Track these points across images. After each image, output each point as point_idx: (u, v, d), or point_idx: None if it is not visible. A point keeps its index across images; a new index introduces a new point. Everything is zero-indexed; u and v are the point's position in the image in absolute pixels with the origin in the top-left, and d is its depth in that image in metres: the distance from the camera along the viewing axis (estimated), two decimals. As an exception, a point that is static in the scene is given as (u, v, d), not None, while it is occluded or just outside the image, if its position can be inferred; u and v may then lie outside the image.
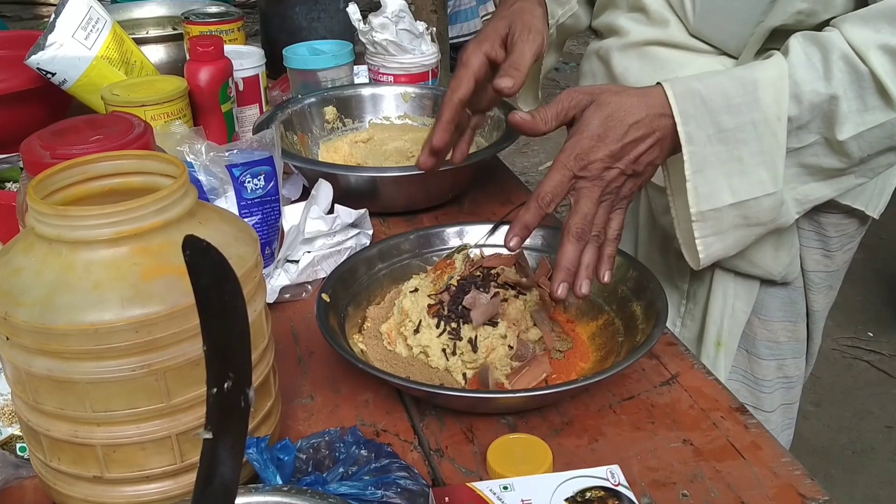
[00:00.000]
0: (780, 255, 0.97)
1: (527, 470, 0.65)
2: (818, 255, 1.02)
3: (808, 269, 1.02)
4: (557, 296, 0.78)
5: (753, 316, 1.03)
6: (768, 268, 0.98)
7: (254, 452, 0.59)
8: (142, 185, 0.63)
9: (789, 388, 1.09)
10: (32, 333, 0.54)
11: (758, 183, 0.80)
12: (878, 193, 0.99)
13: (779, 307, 1.03)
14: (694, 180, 0.80)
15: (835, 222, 1.00)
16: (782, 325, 1.05)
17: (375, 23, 1.30)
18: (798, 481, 0.68)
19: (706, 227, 0.83)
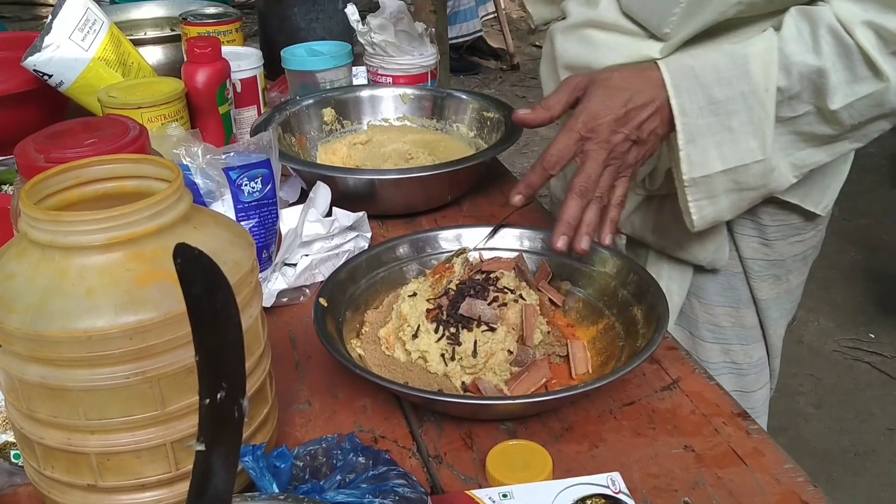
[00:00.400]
0: (706, 243, 1.01)
1: (526, 477, 0.64)
2: (755, 243, 1.04)
3: (746, 256, 1.05)
4: (556, 247, 0.83)
5: (694, 298, 1.08)
6: (695, 254, 1.02)
7: (249, 460, 0.58)
8: (136, 189, 0.62)
9: (741, 374, 1.11)
10: (25, 340, 0.54)
11: (747, 151, 0.84)
12: (821, 190, 1.01)
13: (718, 292, 1.07)
14: (686, 149, 0.84)
15: (770, 212, 1.02)
16: (723, 310, 1.07)
17: (374, 24, 1.29)
18: (801, 488, 0.67)
19: (698, 192, 0.87)
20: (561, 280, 0.91)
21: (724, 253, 1.03)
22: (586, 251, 0.83)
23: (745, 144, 0.84)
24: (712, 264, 1.04)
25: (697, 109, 0.83)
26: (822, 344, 2.52)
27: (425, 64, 1.32)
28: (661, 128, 0.84)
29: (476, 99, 1.28)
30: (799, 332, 2.58)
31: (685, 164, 0.85)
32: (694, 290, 1.07)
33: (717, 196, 0.87)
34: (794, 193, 0.99)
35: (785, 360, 2.53)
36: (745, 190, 0.87)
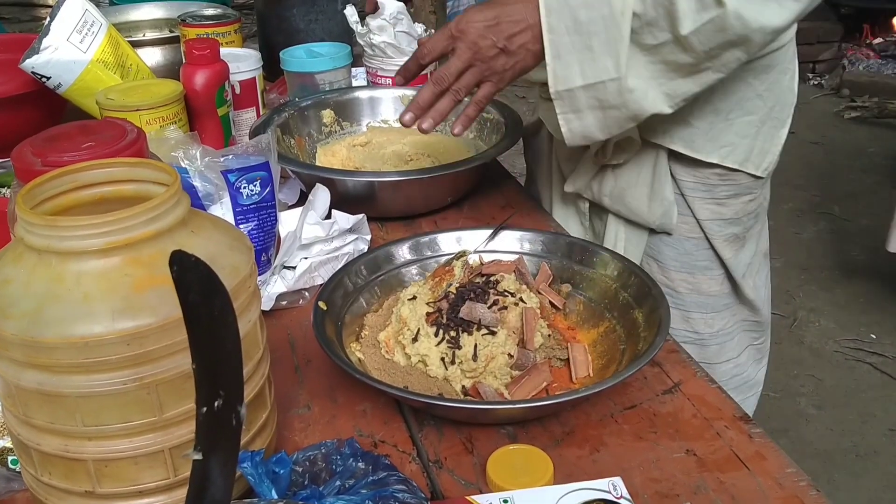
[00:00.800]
0: (654, 205, 1.09)
1: (527, 482, 0.64)
2: (709, 204, 1.09)
3: (702, 217, 1.10)
4: (403, 120, 0.98)
5: (653, 261, 1.14)
6: (644, 216, 1.10)
7: (248, 466, 0.58)
8: (134, 193, 0.62)
9: (702, 345, 1.16)
10: (21, 346, 0.53)
11: (603, 69, 0.91)
12: (760, 153, 1.08)
13: (674, 256, 1.13)
14: (553, 64, 0.92)
15: (718, 173, 1.08)
16: (679, 275, 1.13)
17: (373, 25, 1.29)
18: (803, 492, 0.66)
19: (564, 105, 0.95)
20: (561, 283, 0.90)
21: (672, 217, 1.10)
22: (426, 131, 0.97)
23: (602, 63, 0.91)
24: (663, 227, 1.11)
25: (564, 28, 0.90)
26: (823, 345, 2.52)
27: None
28: (531, 43, 0.92)
29: (476, 100, 1.28)
30: (800, 333, 2.57)
31: (551, 78, 0.93)
32: (653, 253, 1.14)
33: (581, 111, 0.95)
34: (735, 159, 1.06)
35: (786, 361, 2.53)
36: (607, 108, 0.93)
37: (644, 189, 1.08)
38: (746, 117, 1.05)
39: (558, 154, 1.19)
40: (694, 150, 1.05)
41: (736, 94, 1.03)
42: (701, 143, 1.04)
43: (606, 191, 1.11)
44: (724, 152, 1.05)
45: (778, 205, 3.20)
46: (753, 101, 1.04)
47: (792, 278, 2.83)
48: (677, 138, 1.05)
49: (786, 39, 1.04)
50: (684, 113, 1.01)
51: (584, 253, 0.90)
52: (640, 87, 0.91)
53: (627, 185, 1.09)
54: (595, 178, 1.12)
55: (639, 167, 1.08)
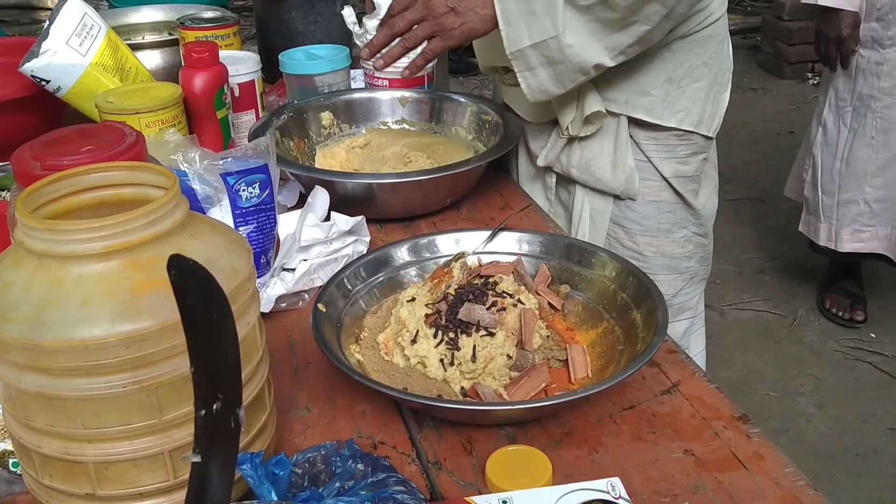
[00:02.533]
0: (617, 172, 1.19)
1: (526, 483, 0.64)
2: (673, 163, 1.21)
3: (668, 175, 1.21)
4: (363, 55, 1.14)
5: (619, 228, 1.24)
6: (609, 183, 1.20)
7: (248, 468, 0.58)
8: (133, 196, 0.62)
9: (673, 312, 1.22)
10: (22, 350, 0.53)
11: (544, 29, 1.03)
12: (710, 116, 1.20)
13: (637, 220, 1.23)
14: (505, 30, 1.04)
15: (676, 134, 1.19)
16: (645, 239, 1.24)
17: (370, 25, 1.29)
18: (802, 492, 0.67)
19: (520, 65, 1.07)
20: (560, 284, 0.90)
21: (635, 182, 1.20)
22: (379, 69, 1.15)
23: (543, 24, 1.02)
24: (626, 192, 1.20)
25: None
26: (822, 344, 2.52)
27: (423, 67, 1.32)
28: (480, 7, 1.04)
29: (474, 102, 1.28)
30: (800, 333, 2.57)
31: (506, 42, 1.05)
32: (619, 221, 1.24)
33: (534, 68, 1.06)
34: (690, 122, 1.18)
35: (785, 360, 2.54)
36: (554, 63, 1.05)
37: (608, 158, 1.18)
38: (696, 83, 1.16)
39: (527, 134, 1.27)
40: (654, 117, 1.16)
41: (685, 63, 1.15)
42: (660, 111, 1.16)
43: (574, 162, 1.20)
44: (681, 116, 1.17)
45: (778, 204, 3.20)
46: (700, 69, 1.16)
47: (791, 277, 2.83)
48: (639, 107, 1.16)
49: (720, 12, 1.17)
50: (643, 84, 1.14)
51: (583, 254, 0.91)
52: (579, 42, 1.03)
53: (592, 156, 1.19)
54: (563, 151, 1.21)
55: (602, 138, 1.18)
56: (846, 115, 2.29)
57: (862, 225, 2.34)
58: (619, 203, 1.22)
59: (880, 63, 2.18)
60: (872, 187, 2.27)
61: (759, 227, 3.15)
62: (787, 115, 4.06)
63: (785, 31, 4.48)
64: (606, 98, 1.15)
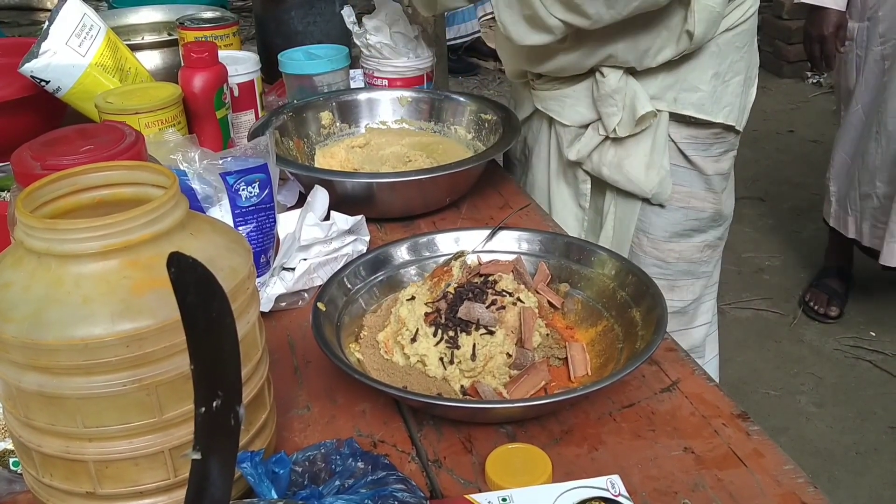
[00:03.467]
0: (651, 174, 1.16)
1: (526, 480, 0.64)
2: (710, 161, 1.20)
3: (709, 172, 1.21)
4: None
5: (643, 235, 1.23)
6: (641, 185, 1.17)
7: (248, 466, 0.58)
8: (132, 196, 0.62)
9: (682, 313, 1.27)
10: (22, 349, 0.54)
11: None
12: (742, 111, 1.20)
13: (664, 227, 1.22)
14: None
15: (713, 132, 1.19)
16: (669, 245, 1.23)
17: (369, 25, 1.29)
18: (801, 489, 0.67)
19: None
20: (559, 282, 0.91)
21: (667, 187, 1.18)
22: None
23: None
24: (657, 197, 1.19)
25: None
26: (822, 343, 2.52)
27: (421, 66, 1.32)
28: None
29: (474, 101, 1.28)
30: (800, 332, 2.57)
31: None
32: (644, 227, 1.22)
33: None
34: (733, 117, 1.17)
35: (785, 359, 2.54)
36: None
37: (642, 158, 1.16)
38: (736, 77, 1.16)
39: (561, 140, 1.24)
40: (704, 113, 1.14)
41: (728, 57, 1.14)
42: (709, 106, 1.14)
43: (606, 160, 1.18)
44: (726, 112, 1.16)
45: (777, 203, 3.20)
46: (739, 62, 1.16)
47: (791, 277, 2.83)
48: (688, 104, 1.14)
49: (757, 4, 1.16)
50: (692, 79, 1.13)
51: (582, 252, 0.91)
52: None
53: (626, 155, 1.16)
54: (596, 149, 1.19)
55: (638, 137, 1.15)
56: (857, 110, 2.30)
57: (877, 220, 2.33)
58: (646, 209, 1.21)
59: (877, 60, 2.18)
60: (882, 182, 2.27)
61: (759, 226, 3.15)
62: (787, 115, 4.06)
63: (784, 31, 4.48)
64: (654, 96, 1.13)
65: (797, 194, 3.32)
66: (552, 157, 1.28)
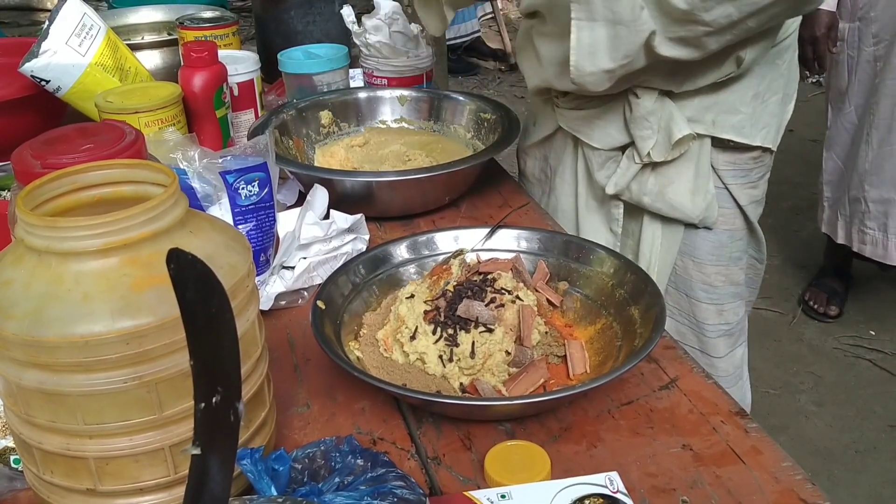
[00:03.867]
0: (697, 199, 1.11)
1: (525, 477, 0.65)
2: (747, 188, 1.15)
3: (744, 202, 1.16)
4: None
5: (688, 259, 1.17)
6: (686, 211, 1.12)
7: (248, 463, 0.58)
8: (132, 194, 0.62)
9: (729, 335, 1.22)
10: (22, 346, 0.54)
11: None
12: (778, 130, 1.15)
13: (709, 251, 1.16)
14: None
15: (752, 157, 1.14)
16: (715, 269, 1.18)
17: (369, 25, 1.29)
18: (799, 486, 0.67)
19: (580, 11, 0.93)
20: (558, 280, 0.91)
21: (714, 210, 1.13)
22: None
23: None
24: (705, 221, 1.13)
25: None
26: (822, 342, 2.52)
27: (420, 66, 1.32)
28: None
29: (473, 100, 1.29)
30: (799, 331, 2.57)
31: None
32: (688, 251, 1.16)
33: (595, 21, 0.92)
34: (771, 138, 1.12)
35: (785, 358, 2.54)
36: (618, 24, 0.92)
37: (686, 184, 1.09)
38: (774, 97, 1.10)
39: (591, 162, 1.17)
40: (744, 136, 1.09)
41: (767, 76, 1.08)
42: (749, 128, 1.09)
43: (647, 189, 1.11)
44: (764, 133, 1.10)
45: (777, 202, 3.20)
46: (778, 80, 1.09)
47: (791, 276, 2.83)
48: (727, 127, 1.08)
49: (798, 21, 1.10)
50: (731, 101, 1.06)
51: (581, 251, 0.91)
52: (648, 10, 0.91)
53: (669, 182, 1.10)
54: (635, 178, 1.11)
55: (681, 163, 1.09)
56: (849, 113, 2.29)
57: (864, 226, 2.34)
58: (689, 232, 1.15)
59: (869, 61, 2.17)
60: (871, 186, 2.27)
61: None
62: (787, 114, 4.06)
63: (784, 30, 4.48)
64: (691, 119, 1.06)
65: (797, 194, 3.32)
66: (580, 180, 1.20)
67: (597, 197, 1.19)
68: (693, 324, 1.22)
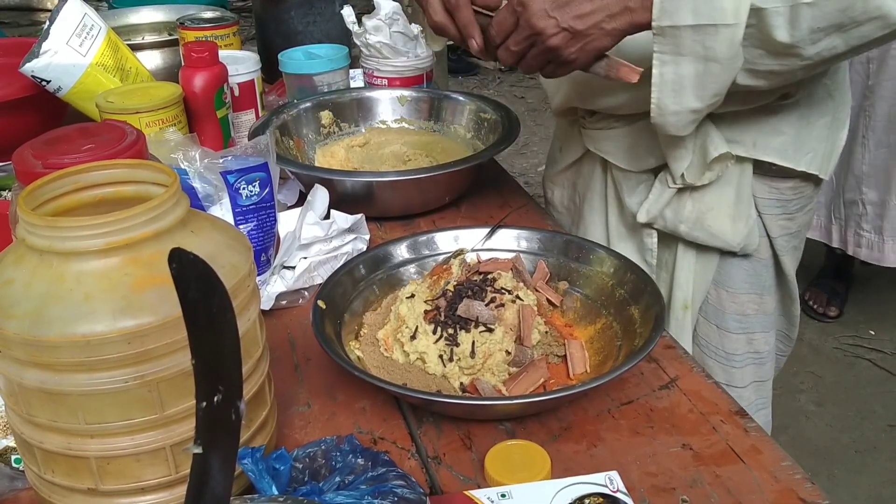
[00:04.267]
0: (738, 225, 1.03)
1: (525, 477, 0.65)
2: (781, 220, 1.07)
3: (774, 234, 1.07)
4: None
5: (721, 289, 1.09)
6: (727, 238, 1.04)
7: (249, 462, 0.59)
8: (134, 194, 0.62)
9: (760, 363, 1.14)
10: (24, 346, 0.54)
11: (720, 10, 0.81)
12: (827, 157, 1.05)
13: (744, 279, 1.09)
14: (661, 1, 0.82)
15: (792, 186, 1.05)
16: (748, 297, 1.10)
17: (369, 25, 1.30)
18: (799, 485, 0.67)
19: (665, 45, 0.84)
20: (558, 280, 0.91)
21: (755, 237, 1.05)
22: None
23: (719, 6, 0.81)
24: (745, 249, 1.05)
25: None
26: (822, 342, 2.52)
27: (420, 66, 1.32)
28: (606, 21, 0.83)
29: (473, 100, 1.29)
30: (799, 331, 2.57)
31: (657, 10, 0.82)
32: (721, 281, 1.08)
33: (683, 56, 0.84)
34: (816, 165, 1.03)
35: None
36: (710, 61, 0.84)
37: (726, 210, 1.02)
38: (822, 119, 1.01)
39: (620, 185, 1.10)
40: (786, 160, 1.00)
41: (814, 95, 1.00)
42: (792, 152, 1.00)
43: (683, 217, 1.04)
44: (809, 159, 1.02)
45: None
46: (826, 101, 1.01)
47: (791, 276, 2.83)
48: (770, 149, 1.00)
49: None
50: (774, 121, 0.98)
51: (581, 250, 0.91)
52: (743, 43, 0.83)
53: (708, 209, 1.02)
54: (669, 204, 1.04)
55: (720, 187, 1.01)
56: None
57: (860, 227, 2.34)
58: (723, 261, 1.08)
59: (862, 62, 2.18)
60: (869, 188, 2.28)
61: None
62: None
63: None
64: (730, 140, 0.98)
65: (797, 193, 3.32)
66: (610, 207, 1.13)
67: (628, 225, 1.11)
68: (721, 357, 1.13)
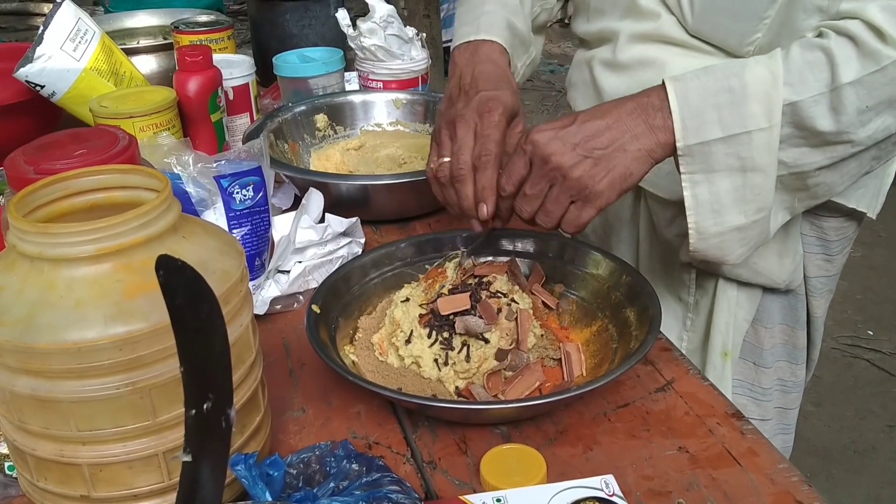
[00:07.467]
0: (785, 262, 0.97)
1: (520, 481, 0.64)
2: (820, 260, 1.02)
3: (811, 275, 1.02)
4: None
5: (759, 326, 1.03)
6: (773, 276, 0.97)
7: (242, 469, 0.58)
8: (125, 199, 0.62)
9: (785, 392, 1.10)
10: (15, 353, 0.54)
11: (750, 116, 0.74)
12: (875, 195, 1.00)
13: (778, 311, 1.04)
14: (681, 112, 0.75)
15: (836, 226, 1.00)
16: (781, 328, 1.05)
17: (364, 28, 1.29)
18: (795, 488, 0.67)
19: (694, 164, 0.77)
20: (554, 283, 0.91)
21: (801, 271, 1.00)
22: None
23: (748, 111, 0.74)
24: (790, 285, 0.99)
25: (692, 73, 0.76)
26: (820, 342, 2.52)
27: (416, 69, 1.32)
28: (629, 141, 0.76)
29: (468, 103, 1.28)
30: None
31: (679, 133, 0.76)
32: (759, 317, 1.02)
33: (715, 172, 0.77)
34: (866, 202, 0.97)
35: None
36: (749, 171, 0.77)
37: (774, 246, 0.95)
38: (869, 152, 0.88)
39: (657, 217, 1.02)
40: (841, 196, 0.93)
41: None
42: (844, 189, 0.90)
43: None
44: (860, 195, 0.96)
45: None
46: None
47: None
48: None
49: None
50: None
51: (576, 253, 0.91)
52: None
53: None
54: None
55: None
56: None
57: None
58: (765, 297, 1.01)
59: None
60: None
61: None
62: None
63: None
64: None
65: (794, 194, 3.32)
66: (641, 238, 1.06)
67: (662, 259, 1.04)
68: (757, 392, 1.07)
